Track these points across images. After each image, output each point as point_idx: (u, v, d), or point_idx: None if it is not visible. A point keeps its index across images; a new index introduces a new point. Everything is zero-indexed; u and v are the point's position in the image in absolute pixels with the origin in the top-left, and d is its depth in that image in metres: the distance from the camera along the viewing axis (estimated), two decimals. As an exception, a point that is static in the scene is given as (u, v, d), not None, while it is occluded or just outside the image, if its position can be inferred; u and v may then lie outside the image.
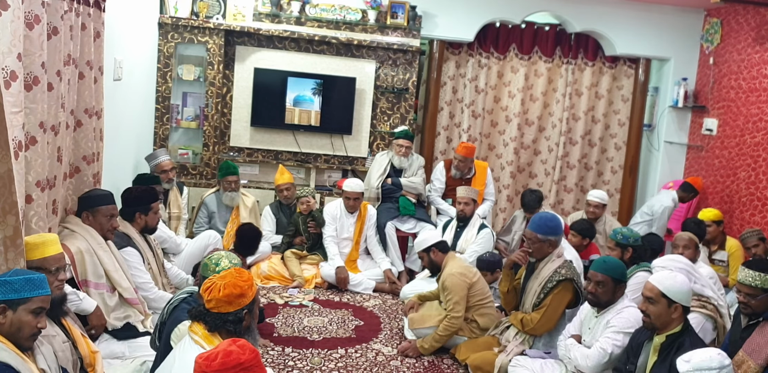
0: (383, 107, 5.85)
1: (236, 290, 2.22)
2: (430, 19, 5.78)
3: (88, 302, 3.00)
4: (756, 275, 2.83)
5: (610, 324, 3.00)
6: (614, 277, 3.02)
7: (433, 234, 3.95)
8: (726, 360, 2.24)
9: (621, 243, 3.73)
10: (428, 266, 3.92)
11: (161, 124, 5.41)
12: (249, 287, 2.27)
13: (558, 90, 6.39)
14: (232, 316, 2.23)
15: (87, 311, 2.97)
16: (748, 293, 2.85)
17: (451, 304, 3.65)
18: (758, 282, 2.82)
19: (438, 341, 3.67)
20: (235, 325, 2.24)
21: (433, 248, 3.83)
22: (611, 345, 2.92)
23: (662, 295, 2.65)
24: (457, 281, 3.68)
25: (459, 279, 3.68)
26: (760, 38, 5.39)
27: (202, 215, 4.99)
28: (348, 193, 4.90)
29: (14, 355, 2.09)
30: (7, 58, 2.32)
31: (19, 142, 2.43)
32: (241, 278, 2.26)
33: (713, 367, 2.21)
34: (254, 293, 2.31)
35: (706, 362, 2.22)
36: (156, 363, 2.59)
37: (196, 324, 2.27)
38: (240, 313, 2.24)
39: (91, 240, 3.15)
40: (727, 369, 2.22)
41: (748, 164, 5.42)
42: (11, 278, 2.14)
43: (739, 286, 2.91)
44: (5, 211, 2.35)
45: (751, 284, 2.84)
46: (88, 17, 3.23)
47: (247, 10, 5.49)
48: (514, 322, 3.51)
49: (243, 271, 2.33)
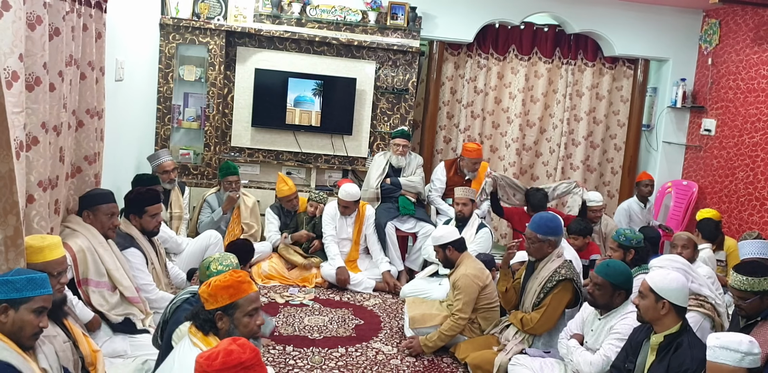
0: (383, 108, 5.87)
1: (225, 284, 2.25)
2: (430, 20, 5.79)
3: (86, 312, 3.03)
4: (744, 279, 2.84)
5: (614, 330, 2.99)
6: (613, 283, 3.00)
7: (451, 231, 3.91)
8: (756, 349, 2.20)
9: (624, 245, 3.71)
10: (442, 261, 3.92)
11: (162, 124, 5.43)
12: (240, 282, 2.29)
13: (558, 91, 6.40)
14: (204, 314, 2.26)
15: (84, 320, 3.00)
16: (740, 297, 2.86)
17: (460, 304, 3.66)
18: (746, 286, 2.83)
19: (442, 341, 3.68)
20: (204, 324, 2.25)
21: (450, 246, 3.83)
22: (615, 353, 2.91)
23: (650, 290, 2.66)
24: (470, 283, 3.69)
25: (472, 281, 3.69)
26: (759, 39, 5.40)
27: (205, 213, 5.00)
28: (340, 200, 4.91)
29: (16, 354, 2.10)
30: (9, 59, 2.33)
31: (20, 143, 2.44)
32: (234, 275, 2.30)
33: (741, 350, 2.18)
34: (238, 294, 2.28)
35: (735, 344, 2.20)
36: (158, 363, 2.61)
37: (192, 326, 2.29)
38: (211, 313, 2.25)
39: (92, 238, 3.17)
40: (753, 357, 2.19)
41: (747, 164, 5.43)
42: (13, 278, 2.15)
43: (731, 289, 2.92)
44: (6, 211, 2.37)
45: (740, 288, 2.85)
46: (89, 18, 3.25)
47: (248, 11, 5.51)
48: (513, 321, 3.52)
49: (239, 271, 2.36)
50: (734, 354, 2.19)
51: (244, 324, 2.29)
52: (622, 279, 3.02)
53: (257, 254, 4.89)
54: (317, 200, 5.08)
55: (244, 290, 2.29)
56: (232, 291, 2.27)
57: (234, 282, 2.28)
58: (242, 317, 2.28)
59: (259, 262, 4.90)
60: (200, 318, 2.28)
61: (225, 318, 2.26)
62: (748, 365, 2.19)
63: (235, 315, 2.27)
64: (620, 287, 3.02)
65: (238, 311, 2.28)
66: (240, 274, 2.33)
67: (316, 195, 5.11)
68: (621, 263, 3.14)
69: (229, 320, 2.27)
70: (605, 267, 3.06)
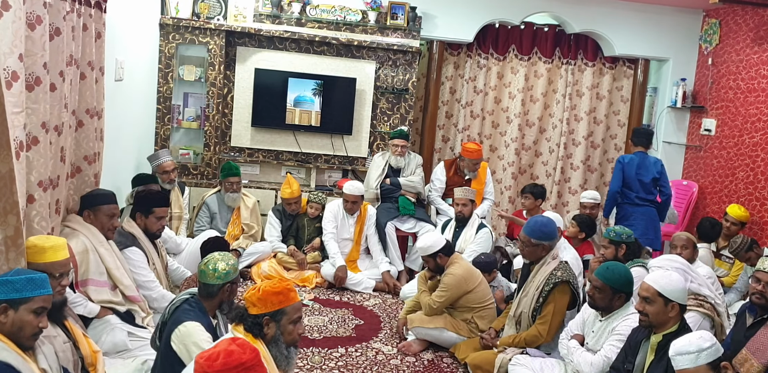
0: (383, 108, 5.87)
1: (276, 290, 2.29)
2: (430, 20, 5.79)
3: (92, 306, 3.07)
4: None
5: (616, 331, 2.99)
6: (613, 286, 2.99)
7: (437, 238, 3.88)
8: (706, 343, 2.27)
9: (614, 240, 3.74)
10: (434, 269, 3.89)
11: (162, 124, 5.43)
12: (289, 290, 2.33)
13: (558, 91, 6.40)
14: (252, 318, 2.28)
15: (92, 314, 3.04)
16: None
17: (439, 297, 3.74)
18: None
19: (426, 313, 3.80)
20: (253, 327, 2.28)
21: (440, 254, 3.83)
22: (615, 353, 2.91)
23: (659, 294, 2.66)
24: (456, 284, 3.72)
25: (459, 282, 3.72)
26: (759, 39, 5.40)
27: (203, 215, 5.00)
28: (347, 196, 4.92)
29: (15, 355, 2.10)
30: (9, 59, 2.33)
31: (20, 143, 2.44)
32: (283, 283, 2.36)
33: (691, 351, 2.26)
34: (287, 301, 2.32)
35: (685, 347, 2.28)
36: (156, 364, 2.61)
37: (238, 327, 2.33)
38: (259, 317, 2.28)
39: (92, 238, 3.17)
40: (708, 351, 2.25)
41: (747, 164, 5.43)
42: (13, 278, 2.15)
43: (760, 274, 2.89)
44: (6, 211, 2.37)
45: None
46: (89, 18, 3.24)
47: (248, 11, 5.51)
48: (518, 344, 3.39)
49: (286, 279, 2.43)
50: (688, 357, 2.27)
51: (289, 331, 2.32)
52: (622, 282, 3.01)
53: (257, 255, 4.91)
54: (317, 201, 5.07)
55: (292, 298, 2.34)
56: (282, 298, 2.31)
57: (284, 289, 2.32)
58: (288, 324, 2.32)
59: (258, 262, 4.90)
60: (249, 321, 2.30)
61: (272, 324, 2.30)
62: (705, 360, 2.25)
63: (281, 322, 2.31)
64: (620, 291, 3.01)
65: (285, 317, 2.31)
66: (288, 282, 2.39)
67: (315, 196, 5.10)
68: (621, 266, 3.11)
69: (276, 326, 2.30)
70: (605, 270, 3.04)
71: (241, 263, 4.73)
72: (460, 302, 3.79)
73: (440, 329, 3.74)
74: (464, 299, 3.78)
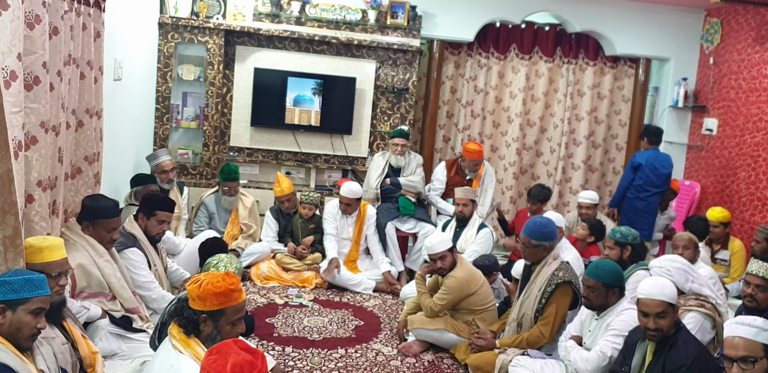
0: (383, 107, 5.85)
1: (217, 290, 2.21)
2: (430, 19, 5.78)
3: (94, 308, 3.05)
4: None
5: (611, 327, 2.99)
6: (605, 282, 2.99)
7: (443, 240, 3.82)
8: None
9: (620, 242, 3.73)
10: (437, 270, 3.84)
11: (161, 124, 5.41)
12: (232, 290, 2.24)
13: (559, 90, 6.39)
14: (188, 313, 2.23)
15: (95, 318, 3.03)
16: (758, 285, 2.84)
17: (441, 299, 3.71)
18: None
19: (427, 315, 3.77)
20: (187, 324, 2.22)
21: (446, 254, 3.79)
22: (611, 349, 2.92)
23: (670, 305, 2.64)
24: (457, 287, 3.70)
25: (461, 285, 3.70)
26: (760, 38, 5.39)
27: (201, 215, 4.99)
28: (342, 197, 4.90)
29: (13, 356, 2.09)
30: (8, 58, 2.32)
31: (19, 142, 2.43)
32: (227, 281, 2.26)
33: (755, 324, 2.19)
34: (228, 302, 2.25)
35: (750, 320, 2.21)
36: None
37: (174, 324, 2.27)
38: (197, 314, 2.22)
39: (91, 251, 3.13)
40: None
41: (748, 164, 5.42)
42: (11, 279, 2.14)
43: (749, 277, 2.89)
44: (5, 211, 2.36)
45: (764, 276, 2.84)
46: (88, 17, 3.23)
47: (247, 10, 5.49)
48: (520, 345, 3.39)
49: (233, 276, 2.33)
50: (749, 328, 2.20)
51: (226, 332, 2.26)
52: (613, 277, 3.02)
53: (256, 255, 4.89)
54: (308, 201, 5.02)
55: (234, 298, 2.26)
56: (223, 299, 2.24)
57: (226, 290, 2.24)
58: (226, 325, 2.26)
59: (257, 263, 4.88)
60: (184, 317, 2.25)
61: (209, 322, 2.24)
62: (763, 340, 2.18)
63: (219, 322, 2.25)
64: (613, 286, 3.02)
65: (223, 318, 2.25)
66: (233, 280, 2.30)
67: (307, 197, 5.03)
68: (609, 262, 3.13)
69: (213, 325, 2.25)
70: (594, 269, 3.06)
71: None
72: (461, 305, 3.78)
73: (441, 330, 3.72)
74: (466, 302, 3.76)
